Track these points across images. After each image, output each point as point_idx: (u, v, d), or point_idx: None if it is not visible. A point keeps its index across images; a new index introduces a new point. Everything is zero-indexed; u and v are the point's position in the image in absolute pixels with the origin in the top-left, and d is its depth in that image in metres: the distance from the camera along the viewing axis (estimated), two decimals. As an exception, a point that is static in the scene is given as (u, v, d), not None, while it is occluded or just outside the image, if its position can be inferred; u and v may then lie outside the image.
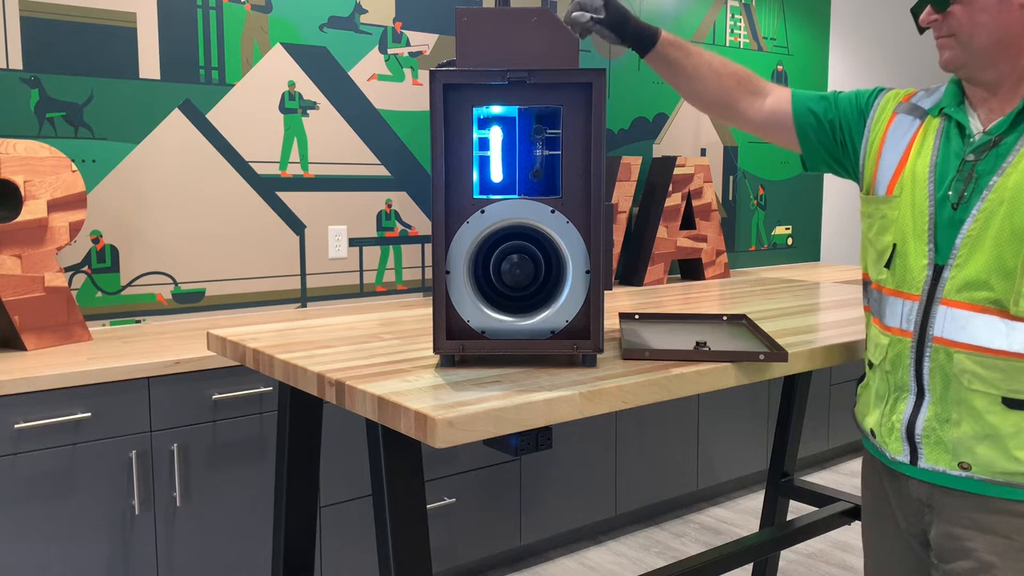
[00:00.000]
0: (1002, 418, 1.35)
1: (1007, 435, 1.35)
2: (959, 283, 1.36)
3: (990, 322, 1.34)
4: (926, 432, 1.42)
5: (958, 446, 1.39)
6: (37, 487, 2.18)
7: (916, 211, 1.42)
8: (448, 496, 2.89)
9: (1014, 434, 1.35)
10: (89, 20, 2.68)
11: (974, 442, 1.38)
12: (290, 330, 1.82)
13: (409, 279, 3.45)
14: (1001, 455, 1.35)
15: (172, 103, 2.85)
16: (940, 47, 1.39)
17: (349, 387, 1.31)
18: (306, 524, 1.88)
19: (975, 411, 1.37)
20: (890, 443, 1.49)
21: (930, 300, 1.40)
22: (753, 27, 4.58)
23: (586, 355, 1.43)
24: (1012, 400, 1.34)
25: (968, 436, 1.38)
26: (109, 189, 2.75)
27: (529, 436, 1.25)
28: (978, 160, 1.36)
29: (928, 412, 1.42)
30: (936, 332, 1.39)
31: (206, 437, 2.43)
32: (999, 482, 1.37)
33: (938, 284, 1.39)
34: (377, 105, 3.29)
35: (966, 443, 1.38)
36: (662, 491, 3.56)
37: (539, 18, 1.39)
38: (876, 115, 1.55)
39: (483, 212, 1.41)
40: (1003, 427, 1.35)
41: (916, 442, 1.44)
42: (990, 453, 1.36)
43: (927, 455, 1.43)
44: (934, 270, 1.40)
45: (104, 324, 2.77)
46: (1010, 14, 1.32)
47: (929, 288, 1.40)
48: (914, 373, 1.43)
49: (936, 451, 1.42)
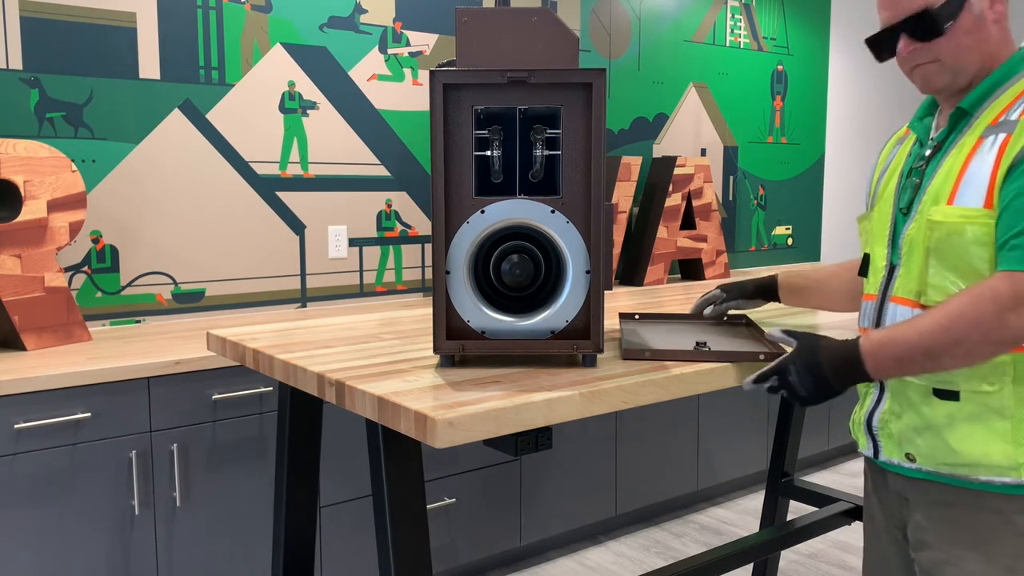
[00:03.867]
0: (935, 409, 1.38)
1: (941, 425, 1.38)
2: (903, 280, 1.42)
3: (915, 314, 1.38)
4: (880, 424, 1.48)
5: (902, 438, 1.44)
6: (37, 487, 2.18)
7: (882, 219, 1.50)
8: (448, 496, 2.89)
9: (947, 424, 1.37)
10: (89, 20, 2.68)
11: (914, 433, 1.42)
12: (290, 330, 1.82)
13: (409, 279, 3.45)
14: (940, 446, 1.38)
15: (172, 103, 2.85)
16: (921, 74, 1.41)
17: (349, 387, 1.30)
18: (306, 524, 1.88)
19: (912, 403, 1.41)
20: (859, 437, 1.54)
21: (883, 298, 1.46)
22: (753, 27, 4.58)
23: (586, 355, 1.43)
24: (941, 391, 1.38)
25: (909, 428, 1.42)
26: (109, 189, 2.75)
27: (529, 436, 1.25)
28: (926, 165, 1.43)
29: (884, 406, 1.47)
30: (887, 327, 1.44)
31: (206, 437, 2.43)
32: (944, 473, 1.39)
33: (890, 283, 1.45)
34: (377, 105, 3.29)
35: (908, 435, 1.43)
36: (662, 491, 3.56)
37: (539, 18, 1.39)
38: (878, 161, 1.63)
39: (483, 212, 1.41)
40: (936, 418, 1.38)
41: (875, 435, 1.50)
42: (929, 444, 1.40)
43: (884, 448, 1.48)
44: (889, 270, 1.46)
45: (104, 324, 2.77)
46: (987, 30, 1.37)
47: (883, 287, 1.47)
48: None
49: (889, 444, 1.47)
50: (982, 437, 1.34)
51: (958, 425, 1.36)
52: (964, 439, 1.36)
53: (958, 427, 1.36)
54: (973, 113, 1.39)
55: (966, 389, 1.35)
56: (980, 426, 1.35)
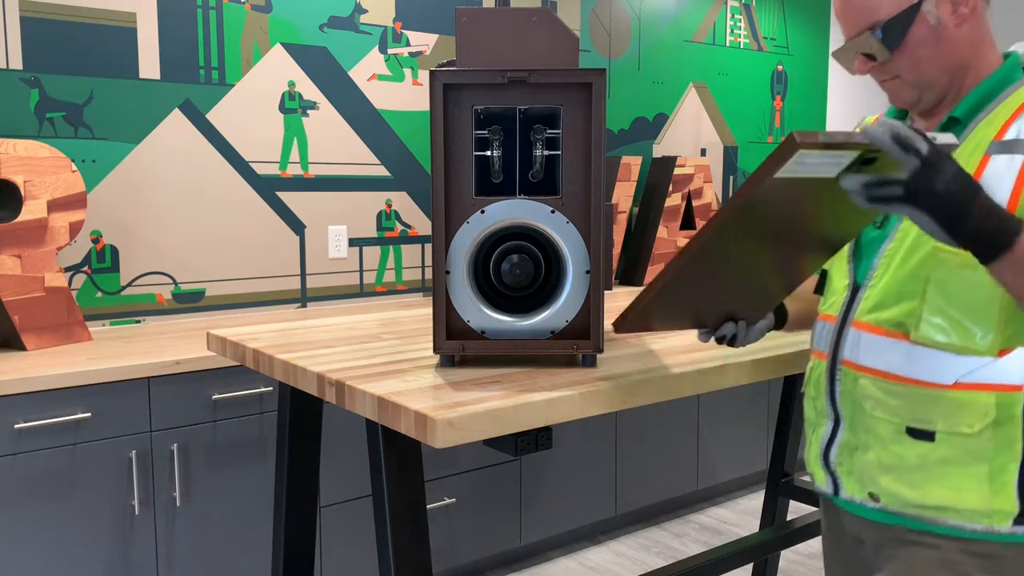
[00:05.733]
0: (907, 448, 1.25)
1: (912, 467, 1.25)
2: (870, 303, 1.29)
3: (892, 346, 1.26)
4: (839, 460, 1.35)
5: (864, 475, 1.31)
6: (37, 487, 2.18)
7: None
8: (448, 496, 2.89)
9: (919, 466, 1.24)
10: (89, 20, 2.68)
11: (879, 472, 1.29)
12: (290, 330, 1.82)
13: (409, 279, 3.45)
14: (907, 487, 1.26)
15: (172, 103, 2.85)
16: (888, 89, 1.31)
17: (349, 387, 1.31)
18: (306, 524, 1.88)
19: (881, 439, 1.28)
20: (816, 472, 1.40)
21: (844, 321, 1.33)
22: (753, 27, 4.58)
23: (586, 355, 1.43)
24: (916, 430, 1.24)
25: (873, 465, 1.29)
26: (109, 189, 2.75)
27: (529, 436, 1.25)
28: None
29: (841, 438, 1.34)
30: (845, 355, 1.32)
31: (206, 437, 2.43)
32: (910, 515, 1.27)
33: (852, 304, 1.32)
34: (377, 105, 3.29)
35: (871, 472, 1.30)
36: (662, 491, 3.56)
37: (539, 18, 1.39)
38: None
39: (483, 212, 1.41)
40: (908, 458, 1.26)
41: (833, 471, 1.36)
42: (896, 485, 1.27)
43: (845, 485, 1.34)
44: (852, 290, 1.33)
45: (104, 324, 2.77)
46: (949, 39, 1.24)
47: (845, 309, 1.33)
48: (829, 398, 1.35)
49: (850, 481, 1.33)
50: (956, 481, 1.22)
51: (931, 467, 1.24)
52: (936, 482, 1.23)
53: (931, 469, 1.24)
54: (967, 124, 1.25)
55: (943, 430, 1.22)
56: (955, 469, 1.22)
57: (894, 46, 1.24)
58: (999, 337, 1.19)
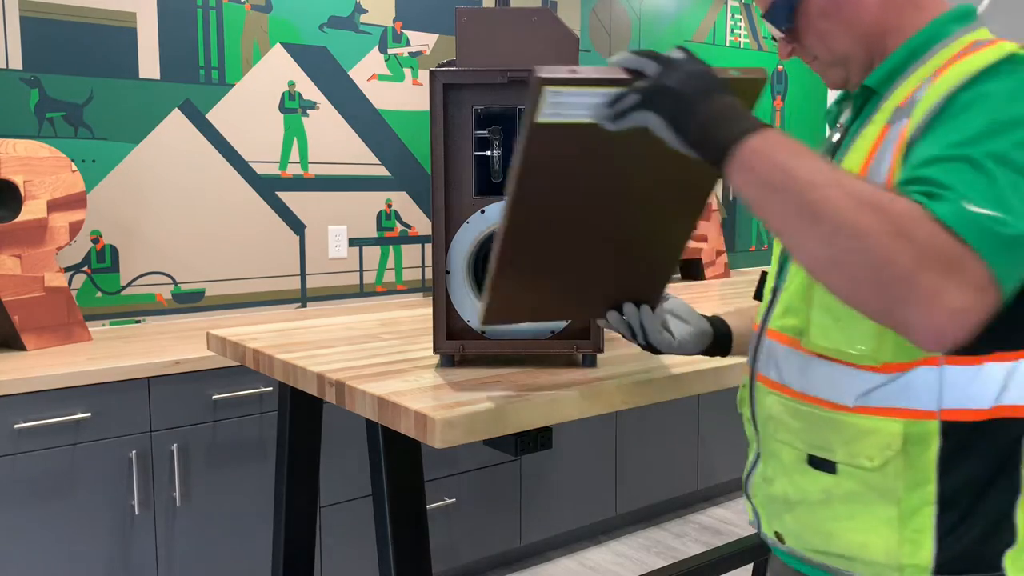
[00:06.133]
0: (809, 480, 1.06)
1: (815, 502, 1.06)
2: (780, 308, 1.11)
3: (790, 356, 1.08)
4: (755, 491, 1.17)
5: (771, 510, 1.13)
6: (37, 487, 2.18)
7: None
8: (448, 496, 2.89)
9: (823, 502, 1.05)
10: (89, 20, 2.68)
11: (784, 508, 1.10)
12: (290, 330, 1.82)
13: (409, 279, 3.45)
14: (810, 528, 1.07)
15: (172, 103, 2.85)
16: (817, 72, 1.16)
17: (349, 387, 1.30)
18: (306, 524, 1.88)
19: (785, 468, 1.10)
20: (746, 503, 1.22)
21: (762, 329, 1.15)
22: (753, 27, 4.58)
23: (586, 355, 1.43)
24: (817, 459, 1.05)
25: (779, 499, 1.11)
26: (109, 189, 2.75)
27: (529, 436, 1.25)
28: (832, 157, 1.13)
29: (758, 468, 1.16)
30: (759, 368, 1.14)
31: (206, 437, 2.43)
32: (815, 562, 1.08)
33: (770, 310, 1.14)
34: (377, 105, 3.29)
35: (777, 508, 1.12)
36: (662, 491, 3.56)
37: (539, 18, 1.39)
38: None
39: (483, 212, 1.41)
40: (811, 492, 1.06)
41: (752, 502, 1.18)
42: (800, 523, 1.08)
43: (762, 520, 1.16)
44: (773, 294, 1.15)
45: (104, 324, 2.77)
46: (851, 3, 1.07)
47: (764, 315, 1.16)
48: (751, 416, 1.18)
49: (764, 515, 1.15)
50: (863, 523, 1.02)
51: (835, 504, 1.04)
52: (841, 522, 1.04)
53: (835, 506, 1.04)
54: (882, 93, 1.07)
55: (843, 461, 1.02)
56: (861, 508, 1.02)
57: (782, 25, 1.12)
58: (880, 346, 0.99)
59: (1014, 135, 0.86)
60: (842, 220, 0.82)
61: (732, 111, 0.94)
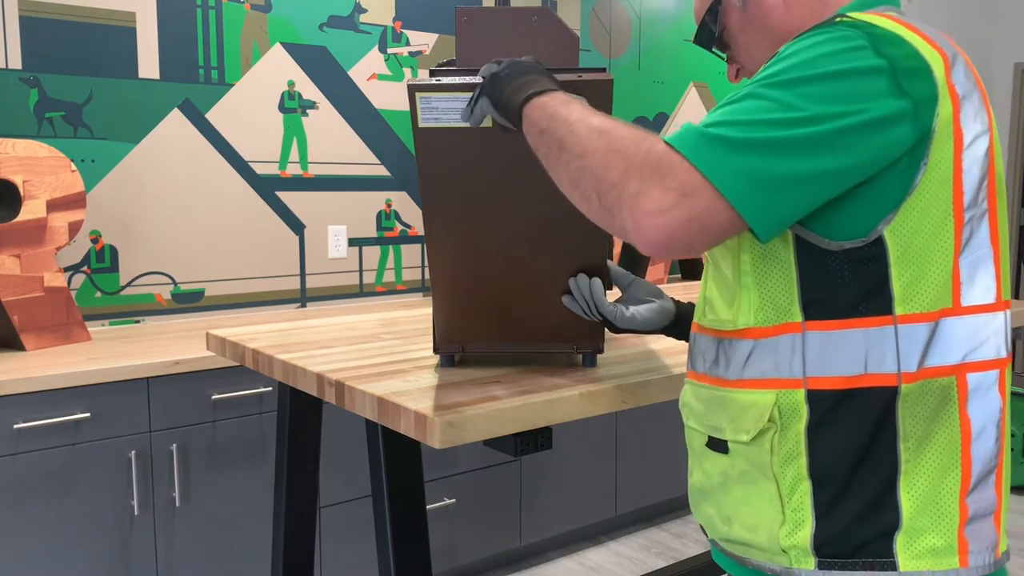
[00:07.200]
0: (712, 464, 1.06)
1: (718, 487, 1.05)
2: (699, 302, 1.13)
3: (700, 341, 1.10)
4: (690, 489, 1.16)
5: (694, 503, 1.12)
6: (37, 487, 2.18)
7: None
8: (448, 496, 2.89)
9: (722, 485, 1.04)
10: (89, 20, 2.68)
11: (700, 497, 1.09)
12: (290, 330, 1.81)
13: (409, 279, 3.45)
14: (716, 513, 1.06)
15: (171, 103, 2.84)
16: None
17: (349, 387, 1.30)
18: (306, 524, 1.88)
19: (697, 456, 1.10)
20: None
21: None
22: (753, 27, 4.58)
23: (586, 355, 1.43)
24: (713, 440, 1.05)
25: (696, 490, 1.10)
26: (108, 189, 2.75)
27: (529, 436, 1.25)
28: None
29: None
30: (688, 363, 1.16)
31: (206, 437, 2.43)
32: (727, 552, 1.06)
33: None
34: (377, 105, 3.29)
35: (695, 499, 1.11)
36: (662, 491, 3.56)
37: (539, 18, 1.38)
38: None
39: (483, 212, 1.40)
40: (713, 476, 1.06)
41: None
42: (709, 511, 1.07)
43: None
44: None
45: (103, 324, 2.77)
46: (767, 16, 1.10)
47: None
48: None
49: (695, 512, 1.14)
50: (754, 506, 1.01)
51: (731, 487, 1.03)
52: (738, 506, 1.02)
53: (732, 489, 1.03)
54: None
55: (731, 439, 1.02)
56: (751, 489, 1.01)
57: (709, 47, 1.16)
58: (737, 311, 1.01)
59: (780, 75, 0.90)
60: (576, 145, 0.94)
61: (535, 84, 1.05)
